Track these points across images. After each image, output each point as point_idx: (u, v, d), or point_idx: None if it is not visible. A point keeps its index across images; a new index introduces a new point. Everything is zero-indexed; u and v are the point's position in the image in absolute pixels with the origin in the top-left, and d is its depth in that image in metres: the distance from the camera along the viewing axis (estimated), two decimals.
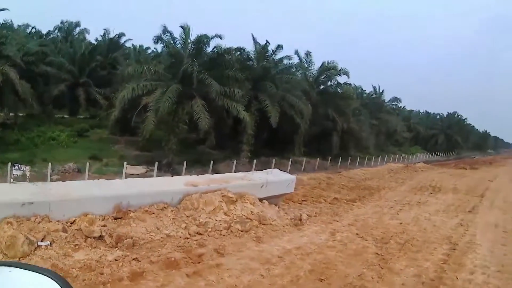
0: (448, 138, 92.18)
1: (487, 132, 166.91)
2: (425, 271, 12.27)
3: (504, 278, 12.34)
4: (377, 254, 13.38)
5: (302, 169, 37.36)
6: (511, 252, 15.48)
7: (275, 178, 18.07)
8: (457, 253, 14.70)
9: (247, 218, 14.62)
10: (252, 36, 37.92)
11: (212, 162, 27.69)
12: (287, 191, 18.44)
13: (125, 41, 54.07)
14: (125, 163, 23.07)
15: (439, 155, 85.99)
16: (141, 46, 58.05)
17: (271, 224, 14.92)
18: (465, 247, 15.66)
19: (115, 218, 12.05)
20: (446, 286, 11.18)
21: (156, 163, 25.20)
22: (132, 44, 55.67)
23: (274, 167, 27.72)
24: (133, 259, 9.87)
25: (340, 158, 45.30)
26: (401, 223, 18.59)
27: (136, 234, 11.33)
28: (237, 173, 19.14)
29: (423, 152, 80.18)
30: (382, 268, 11.89)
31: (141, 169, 27.31)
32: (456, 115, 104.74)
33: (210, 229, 13.14)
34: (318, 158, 42.14)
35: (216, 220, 13.85)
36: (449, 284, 11.41)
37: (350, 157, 47.70)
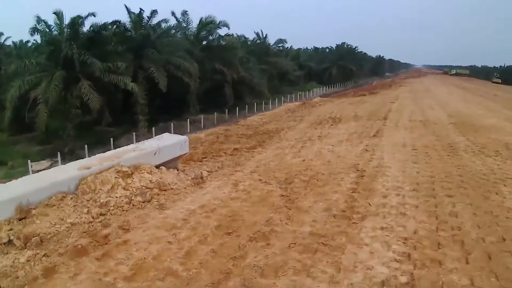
0: (341, 69, 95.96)
1: (382, 56, 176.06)
2: (334, 203, 12.53)
3: (421, 196, 12.82)
4: (282, 196, 13.57)
5: (202, 126, 38.36)
6: (424, 170, 16.17)
7: (167, 143, 18.04)
8: (366, 180, 15.13)
9: (146, 188, 14.65)
10: (126, 6, 39.25)
11: (112, 139, 28.52)
12: (182, 153, 18.61)
13: (5, 40, 52.74)
14: (28, 161, 23.64)
15: (336, 86, 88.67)
16: (21, 41, 58.26)
17: (172, 188, 15.06)
18: (374, 172, 16.14)
19: (20, 219, 12.03)
20: (359, 215, 11.44)
21: (59, 153, 25.56)
22: (12, 41, 56.15)
23: (174, 130, 29.97)
24: (43, 255, 9.89)
25: (237, 108, 46.95)
26: (304, 160, 18.82)
27: (42, 230, 11.29)
28: (128, 146, 18.78)
29: (319, 87, 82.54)
30: (289, 209, 12.10)
31: (45, 163, 27.32)
32: (346, 45, 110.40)
33: (112, 208, 13.12)
34: (216, 113, 43.22)
35: (116, 197, 13.83)
36: (362, 212, 11.69)
37: (246, 106, 49.56)
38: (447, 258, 8.50)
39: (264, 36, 68.92)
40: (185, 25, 47.71)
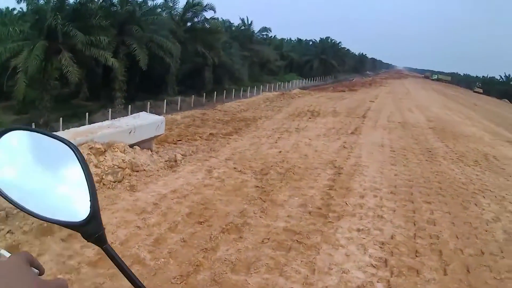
0: (323, 63, 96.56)
1: (364, 54, 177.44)
2: (310, 199, 12.17)
3: (399, 200, 12.60)
4: (257, 187, 13.19)
5: (178, 108, 38.49)
6: (402, 172, 15.97)
7: (143, 122, 17.56)
8: (343, 177, 14.82)
9: (118, 167, 14.20)
10: None
11: (87, 114, 28.86)
12: (158, 133, 18.16)
13: None
14: None
15: (316, 80, 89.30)
16: (7, 8, 56.23)
17: (144, 170, 14.63)
18: (351, 170, 15.85)
19: None
20: (335, 214, 11.14)
21: (33, 124, 26.18)
22: None
23: (150, 110, 29.31)
24: (7, 232, 9.51)
25: (216, 92, 47.29)
26: (280, 152, 18.43)
27: (8, 204, 8.44)
28: (103, 122, 18.09)
29: (299, 79, 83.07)
30: (264, 202, 11.72)
31: None
32: (329, 40, 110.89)
33: None
34: (193, 96, 43.67)
35: None
36: (338, 211, 11.36)
37: (225, 91, 49.92)
38: (425, 268, 8.25)
39: (249, 23, 68.97)
40: (171, 5, 47.50)
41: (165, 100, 37.89)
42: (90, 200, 1.32)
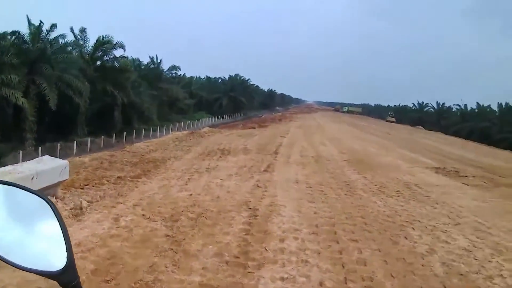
0: (232, 100, 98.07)
1: (273, 90, 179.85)
2: (226, 247, 11.10)
3: (322, 241, 11.71)
4: (168, 236, 12.00)
5: (88, 149, 37.76)
6: (322, 210, 14.84)
7: (46, 167, 16.15)
8: (259, 220, 13.81)
9: None
10: (27, 17, 38.81)
11: None
12: (62, 179, 16.78)
13: None
14: None
15: (225, 117, 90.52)
16: None
17: None
18: (268, 211, 14.74)
19: None
20: (255, 262, 10.10)
21: None
22: None
23: (60, 152, 27.81)
24: None
25: (125, 133, 47.01)
26: (191, 195, 17.12)
27: None
28: (4, 167, 16.28)
29: (209, 117, 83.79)
30: (176, 253, 10.60)
31: None
32: (238, 77, 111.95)
33: None
34: (103, 136, 43.37)
35: None
36: (258, 258, 10.30)
37: (134, 131, 49.57)
38: None
39: (159, 61, 69.77)
40: (82, 43, 47.56)
41: (75, 141, 37.63)
42: (66, 251, 1.46)
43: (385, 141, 49.27)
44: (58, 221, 1.43)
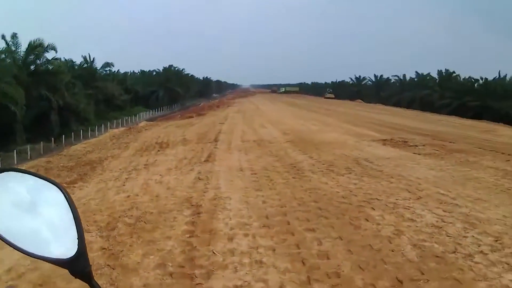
0: (168, 92, 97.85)
1: (209, 78, 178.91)
2: (169, 255, 9.41)
3: (275, 234, 10.12)
4: (104, 249, 10.17)
5: (29, 157, 37.06)
6: (271, 198, 13.50)
7: None
8: (204, 218, 12.08)
9: None
10: None
11: None
12: None
13: None
14: None
15: (163, 110, 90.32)
16: None
17: None
18: (212, 206, 13.03)
19: None
20: (203, 270, 8.50)
21: None
22: None
23: (1, 162, 27.55)
24: None
25: (64, 136, 45.79)
26: (128, 196, 15.41)
27: None
28: None
29: (146, 111, 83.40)
30: (113, 269, 8.86)
31: None
32: (173, 68, 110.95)
33: None
34: (42, 142, 42.19)
35: None
36: (206, 265, 8.70)
37: (72, 133, 48.39)
38: None
39: (92, 60, 69.17)
40: (14, 49, 46.81)
41: (15, 150, 36.67)
42: (77, 238, 1.42)
43: (326, 117, 48.74)
44: (71, 208, 1.39)
